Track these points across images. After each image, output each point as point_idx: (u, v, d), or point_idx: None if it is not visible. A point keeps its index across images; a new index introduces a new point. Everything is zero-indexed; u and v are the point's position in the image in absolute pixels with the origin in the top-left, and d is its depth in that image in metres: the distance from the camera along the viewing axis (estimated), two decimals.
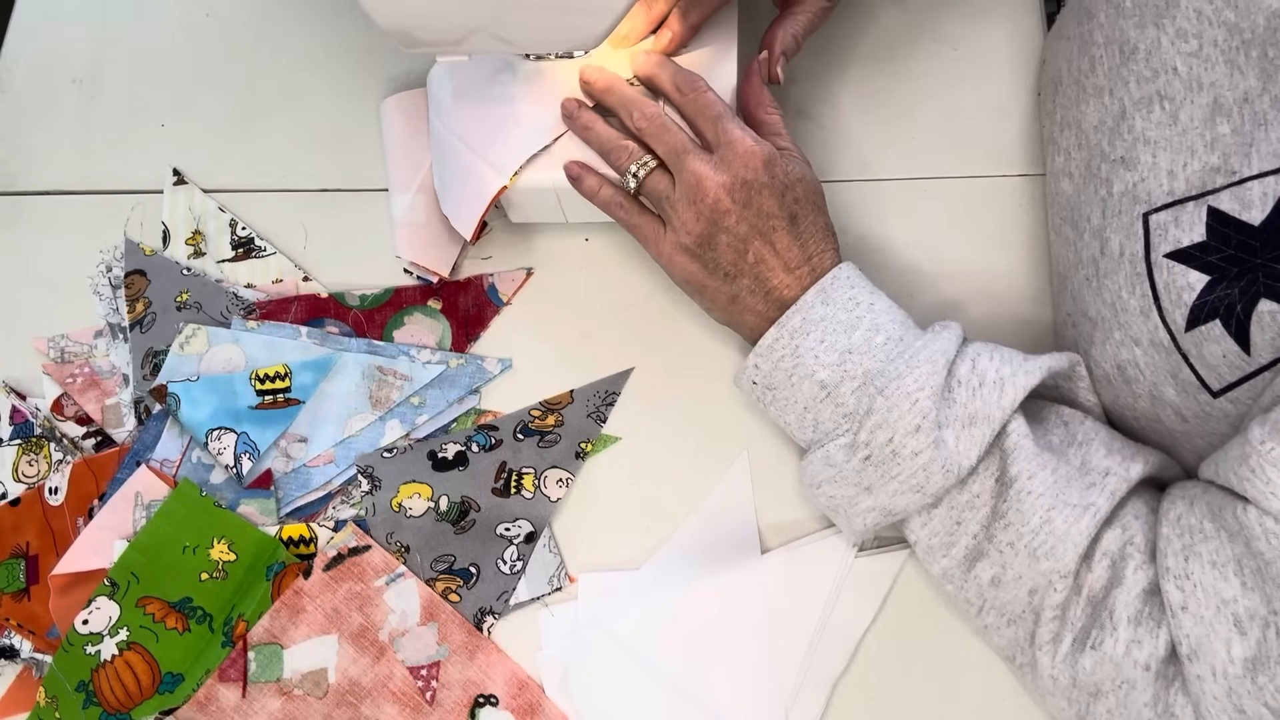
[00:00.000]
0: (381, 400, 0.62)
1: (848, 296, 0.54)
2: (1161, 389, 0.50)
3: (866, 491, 0.52)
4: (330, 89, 0.71)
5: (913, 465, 0.49)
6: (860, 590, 0.57)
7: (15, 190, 0.70)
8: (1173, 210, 0.48)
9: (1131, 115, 0.52)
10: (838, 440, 0.52)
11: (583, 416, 0.61)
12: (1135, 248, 0.50)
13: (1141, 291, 0.49)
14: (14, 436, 0.63)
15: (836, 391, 0.52)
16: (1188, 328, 0.47)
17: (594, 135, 0.58)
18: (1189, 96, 0.49)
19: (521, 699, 0.56)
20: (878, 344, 0.52)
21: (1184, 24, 0.50)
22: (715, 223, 0.55)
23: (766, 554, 0.58)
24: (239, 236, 0.67)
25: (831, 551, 0.57)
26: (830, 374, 0.52)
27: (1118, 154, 0.53)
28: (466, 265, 0.66)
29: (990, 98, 0.66)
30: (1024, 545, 0.49)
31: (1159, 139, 0.50)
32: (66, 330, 0.66)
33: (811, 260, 0.55)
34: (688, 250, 0.56)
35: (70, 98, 0.73)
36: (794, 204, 0.55)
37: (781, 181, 0.55)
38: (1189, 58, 0.49)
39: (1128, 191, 0.51)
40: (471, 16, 0.56)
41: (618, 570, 0.58)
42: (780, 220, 0.54)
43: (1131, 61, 0.52)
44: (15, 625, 0.59)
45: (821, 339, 0.53)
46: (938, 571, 0.53)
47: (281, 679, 0.57)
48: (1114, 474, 0.49)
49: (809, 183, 0.56)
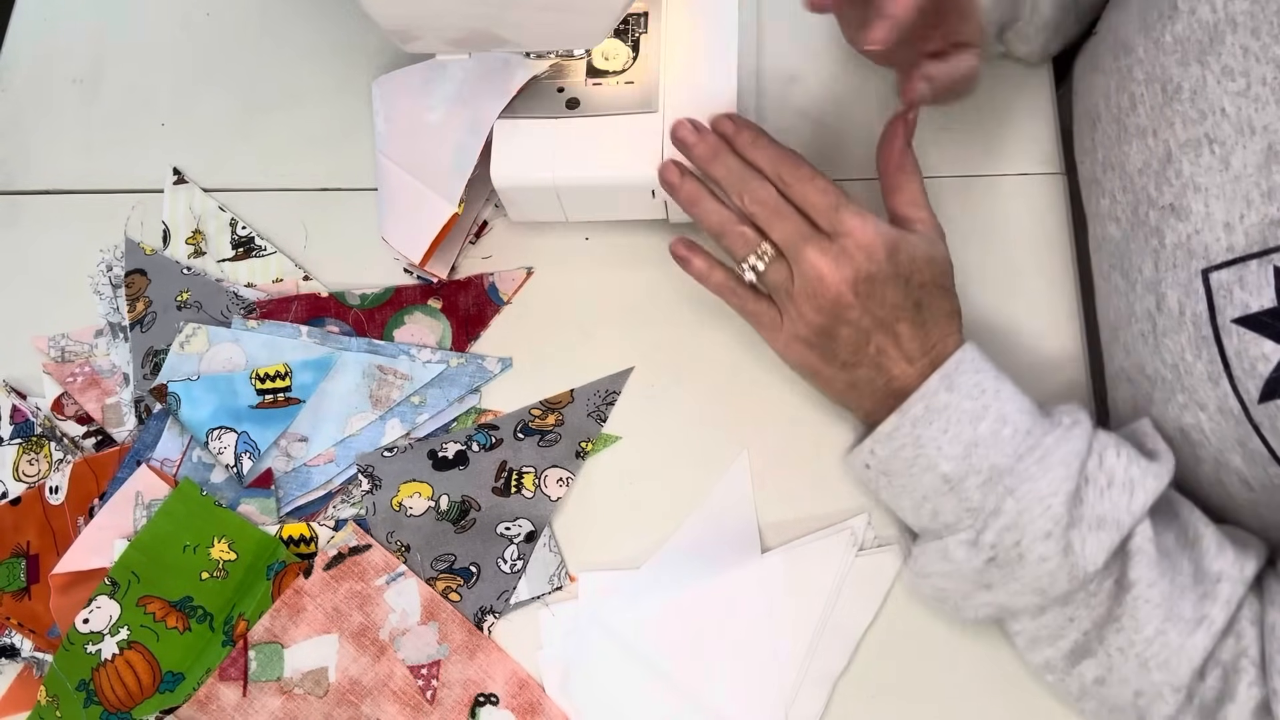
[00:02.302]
0: (382, 399, 0.62)
1: (973, 383, 0.51)
2: (1228, 456, 0.48)
3: (985, 589, 0.50)
4: (331, 88, 0.71)
5: (1039, 570, 0.48)
6: (860, 589, 0.57)
7: (15, 190, 0.70)
8: (1235, 269, 0.46)
9: (1178, 159, 0.49)
10: (958, 536, 0.50)
11: (583, 416, 0.61)
12: (1198, 308, 0.48)
13: (1209, 357, 0.47)
14: (14, 436, 0.63)
15: (961, 486, 0.50)
16: (1262, 399, 0.45)
17: (702, 214, 0.55)
18: (1240, 140, 0.47)
19: (522, 698, 0.56)
20: (1005, 436, 0.49)
21: (1230, 61, 0.47)
22: (836, 316, 0.52)
23: (767, 553, 0.58)
24: (239, 236, 0.67)
25: (831, 550, 0.57)
26: (954, 467, 0.50)
27: (1166, 200, 0.50)
28: (466, 264, 0.66)
29: (995, 96, 0.66)
30: (1135, 653, 0.47)
31: (1210, 186, 0.48)
32: (67, 329, 0.66)
33: (935, 349, 0.52)
34: (805, 340, 0.53)
35: (70, 97, 0.73)
36: (919, 290, 0.52)
37: (906, 269, 0.51)
38: (1237, 97, 0.47)
39: (1181, 244, 0.49)
40: (471, 16, 0.56)
41: (618, 570, 0.58)
42: (905, 310, 0.52)
43: (1176, 101, 0.50)
44: (16, 624, 0.59)
45: (945, 428, 0.50)
46: (1038, 660, 0.52)
47: (282, 678, 0.57)
48: (1227, 578, 0.47)
49: (936, 263, 0.53)
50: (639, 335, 0.63)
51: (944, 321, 0.53)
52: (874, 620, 0.56)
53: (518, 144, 0.60)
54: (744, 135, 0.55)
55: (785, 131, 0.66)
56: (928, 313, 0.52)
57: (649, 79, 0.60)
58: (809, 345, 0.54)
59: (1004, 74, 0.66)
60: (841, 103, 0.67)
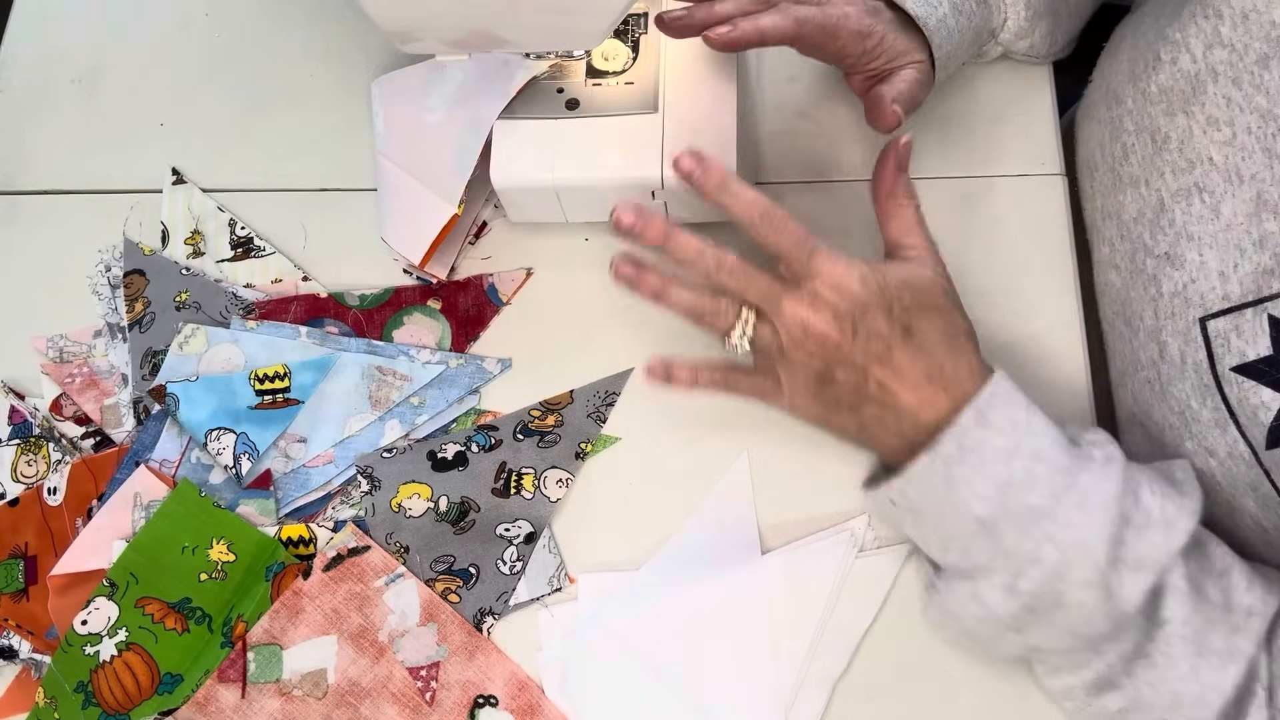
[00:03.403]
0: (381, 400, 0.62)
1: (1006, 417, 0.48)
2: (1240, 500, 0.48)
3: (1016, 632, 0.49)
4: (330, 88, 0.71)
5: (1077, 614, 0.47)
6: (860, 590, 0.57)
7: (14, 190, 0.70)
8: (1231, 317, 0.46)
9: (1171, 208, 0.50)
10: (992, 580, 0.48)
11: (583, 417, 0.61)
12: (1198, 357, 0.48)
13: (1213, 404, 0.47)
14: (13, 436, 0.63)
15: (995, 529, 0.47)
16: (1269, 446, 0.45)
17: (674, 303, 0.52)
18: (1229, 189, 0.47)
19: (521, 699, 0.56)
20: (1040, 475, 0.47)
21: (1214, 111, 0.48)
22: (829, 360, 0.50)
23: (767, 554, 0.57)
24: (238, 236, 0.67)
25: (831, 551, 0.57)
26: (988, 508, 0.47)
27: (1161, 249, 0.50)
28: (466, 265, 0.66)
29: (995, 97, 0.66)
30: (1167, 690, 0.47)
31: (1202, 235, 0.48)
32: (65, 330, 0.65)
33: (945, 373, 0.49)
34: (808, 393, 0.52)
35: (69, 97, 0.73)
36: (904, 314, 0.49)
37: (885, 297, 0.49)
38: (1224, 146, 0.47)
39: (1178, 293, 0.49)
40: (471, 16, 0.56)
41: (617, 570, 0.58)
42: (894, 337, 0.49)
43: (1165, 151, 0.50)
44: (14, 626, 0.59)
45: (978, 466, 0.47)
46: (1058, 687, 0.51)
47: (281, 679, 0.57)
48: (1257, 614, 0.47)
49: (915, 284, 0.50)
50: (639, 335, 0.63)
51: (946, 343, 0.50)
52: (874, 622, 0.56)
53: (517, 144, 0.60)
54: (713, 178, 0.50)
55: (785, 132, 0.67)
56: (921, 336, 0.50)
57: (649, 79, 0.60)
58: (813, 396, 0.51)
59: (1004, 75, 0.66)
60: (841, 103, 0.67)
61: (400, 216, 0.63)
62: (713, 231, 0.64)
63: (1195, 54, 0.49)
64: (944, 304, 0.51)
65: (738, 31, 0.53)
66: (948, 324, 0.51)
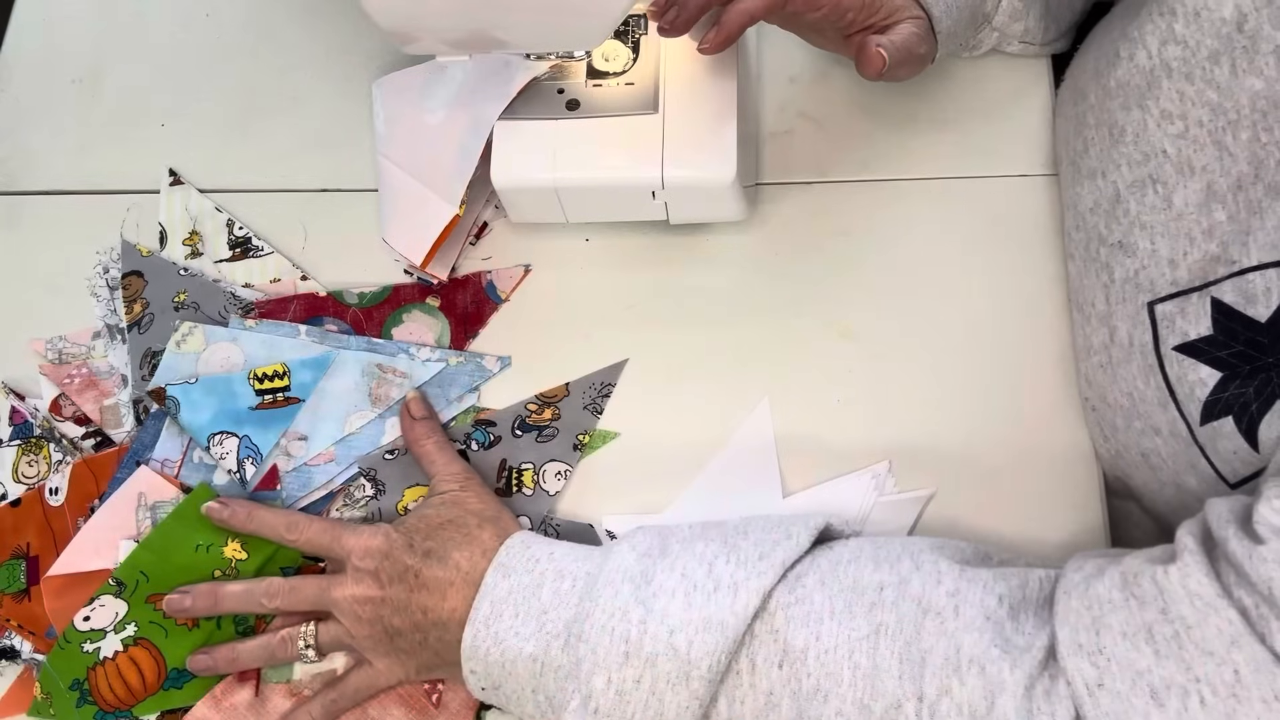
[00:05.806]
0: (381, 398, 0.62)
1: (525, 558, 0.51)
2: (1184, 478, 0.49)
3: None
4: (329, 89, 0.71)
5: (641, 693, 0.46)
6: (881, 532, 0.57)
7: (14, 190, 0.70)
8: (1178, 301, 0.48)
9: (1126, 199, 0.52)
10: (570, 707, 0.47)
11: (579, 409, 0.61)
12: (1144, 338, 0.50)
13: (1156, 384, 0.49)
14: (13, 437, 0.63)
15: (547, 657, 0.48)
16: (1203, 421, 0.47)
17: (241, 662, 0.55)
18: (1181, 180, 0.49)
19: None
20: (565, 590, 0.49)
21: (1168, 105, 0.50)
22: (381, 614, 0.52)
23: (789, 497, 0.58)
24: (236, 236, 0.67)
25: (853, 494, 0.58)
26: (535, 644, 0.48)
27: (1115, 238, 0.52)
28: (466, 266, 0.66)
29: (994, 96, 0.67)
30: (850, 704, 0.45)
31: (1155, 224, 0.50)
32: (64, 331, 0.65)
33: (462, 569, 0.52)
34: (392, 656, 0.53)
35: (69, 97, 0.73)
36: (424, 542, 0.53)
37: (406, 536, 0.53)
38: (1176, 139, 0.49)
39: (1130, 279, 0.51)
40: (471, 17, 0.56)
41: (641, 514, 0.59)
42: (419, 564, 0.52)
43: (1121, 144, 0.52)
44: (16, 626, 0.59)
45: (516, 612, 0.49)
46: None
47: (292, 680, 0.57)
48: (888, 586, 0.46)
49: (429, 512, 0.55)
50: (639, 335, 0.63)
51: (462, 545, 0.53)
52: None
53: (518, 145, 0.60)
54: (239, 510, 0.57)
55: (785, 132, 0.67)
56: (441, 551, 0.53)
57: (649, 80, 0.60)
58: (392, 654, 0.53)
59: (1003, 74, 0.67)
60: (841, 103, 0.67)
61: (401, 218, 0.63)
62: (713, 231, 0.64)
63: (1151, 50, 0.51)
64: (455, 515, 0.54)
65: (725, 27, 0.54)
66: (459, 530, 0.54)
